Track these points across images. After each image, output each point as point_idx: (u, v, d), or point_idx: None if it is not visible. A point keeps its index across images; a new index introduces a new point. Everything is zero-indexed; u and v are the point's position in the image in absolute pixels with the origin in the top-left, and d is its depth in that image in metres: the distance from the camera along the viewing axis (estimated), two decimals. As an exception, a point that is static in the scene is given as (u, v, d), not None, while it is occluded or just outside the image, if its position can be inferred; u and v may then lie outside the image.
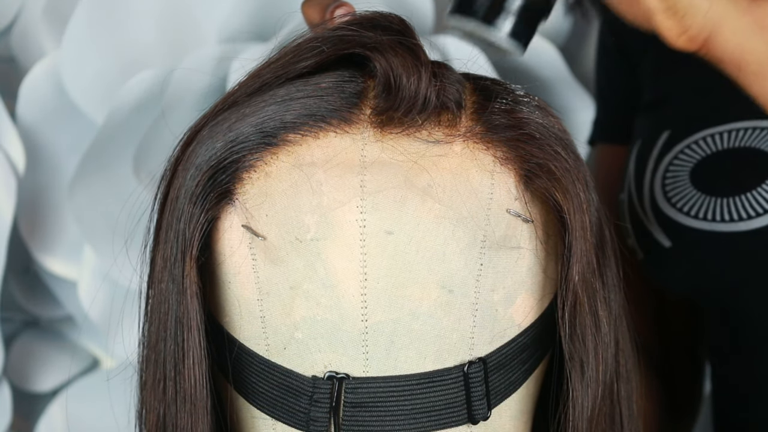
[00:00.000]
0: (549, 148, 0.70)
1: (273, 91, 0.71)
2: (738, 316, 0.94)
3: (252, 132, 0.69)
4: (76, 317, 1.10)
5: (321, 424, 0.68)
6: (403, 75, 0.68)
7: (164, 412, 0.71)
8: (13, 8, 1.07)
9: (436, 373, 0.68)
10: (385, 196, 0.67)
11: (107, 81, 1.04)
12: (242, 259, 0.69)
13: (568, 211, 0.70)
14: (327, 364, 0.68)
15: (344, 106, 0.69)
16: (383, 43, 0.70)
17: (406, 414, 0.68)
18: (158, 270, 0.72)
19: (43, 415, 1.11)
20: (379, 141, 0.68)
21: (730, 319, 0.95)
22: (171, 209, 0.71)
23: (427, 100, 0.68)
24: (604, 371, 0.72)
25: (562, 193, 0.70)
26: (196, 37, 1.06)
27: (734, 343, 0.95)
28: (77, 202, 1.04)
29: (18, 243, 1.08)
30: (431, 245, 0.67)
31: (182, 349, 0.70)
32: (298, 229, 0.68)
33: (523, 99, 0.72)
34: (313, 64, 0.71)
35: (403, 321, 0.68)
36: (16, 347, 1.11)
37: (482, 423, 0.70)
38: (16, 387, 1.10)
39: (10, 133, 1.03)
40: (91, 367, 1.13)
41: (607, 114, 1.08)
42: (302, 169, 0.68)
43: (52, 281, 1.10)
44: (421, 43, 0.71)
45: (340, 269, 0.67)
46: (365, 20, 0.71)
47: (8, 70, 1.09)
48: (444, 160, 0.68)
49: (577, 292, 0.70)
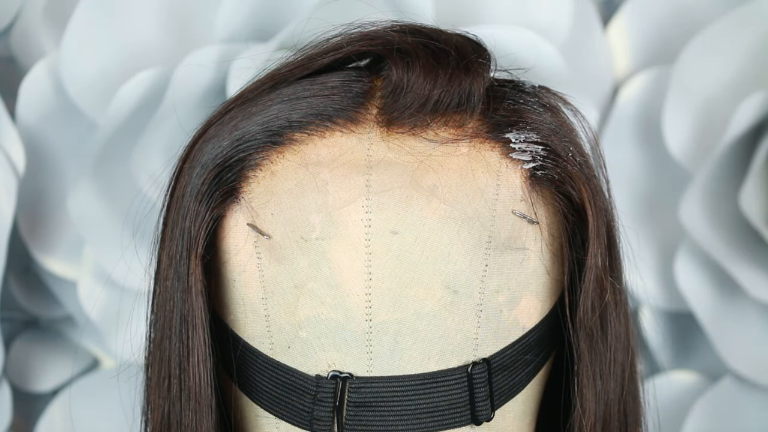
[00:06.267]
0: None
1: (280, 90, 0.72)
2: None
3: (258, 131, 0.69)
4: (76, 317, 1.10)
5: (324, 424, 0.68)
6: (415, 77, 0.69)
7: (169, 409, 0.71)
8: (13, 8, 1.06)
9: (439, 374, 0.68)
10: (391, 196, 0.67)
11: (107, 81, 1.04)
12: (247, 258, 0.69)
13: (585, 207, 0.70)
14: (331, 364, 0.68)
15: (351, 105, 0.70)
16: (406, 44, 0.70)
17: (409, 414, 0.68)
18: (164, 268, 0.72)
19: (43, 415, 1.11)
20: (385, 140, 0.69)
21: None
22: (177, 207, 0.71)
23: (439, 103, 0.69)
24: (615, 372, 0.72)
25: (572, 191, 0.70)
26: (196, 37, 1.06)
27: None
28: (77, 202, 1.04)
29: (18, 243, 1.07)
30: (436, 245, 0.67)
31: (187, 347, 0.70)
32: (304, 228, 0.68)
33: (531, 100, 0.72)
34: (330, 62, 0.71)
35: (408, 321, 0.68)
36: (16, 347, 1.11)
37: (486, 424, 0.70)
38: (16, 387, 1.10)
39: (10, 133, 1.03)
40: (91, 367, 1.13)
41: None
42: (308, 168, 0.68)
43: (52, 281, 1.10)
44: (448, 49, 0.71)
45: (345, 268, 0.67)
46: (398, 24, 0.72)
47: (8, 70, 1.09)
48: (450, 160, 0.68)
49: (588, 292, 0.70)
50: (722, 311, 1.11)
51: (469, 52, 0.71)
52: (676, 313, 1.14)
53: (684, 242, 1.10)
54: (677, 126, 1.08)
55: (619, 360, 0.73)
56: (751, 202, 1.07)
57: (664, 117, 1.08)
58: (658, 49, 1.13)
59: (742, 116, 1.05)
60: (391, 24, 0.72)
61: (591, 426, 0.71)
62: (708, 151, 1.08)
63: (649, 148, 1.12)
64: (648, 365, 1.14)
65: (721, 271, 1.10)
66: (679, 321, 1.15)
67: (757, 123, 1.06)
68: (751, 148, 1.08)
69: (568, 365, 0.72)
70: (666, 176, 1.12)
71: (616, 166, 1.10)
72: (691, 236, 1.09)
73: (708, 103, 1.09)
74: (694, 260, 1.10)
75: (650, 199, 1.13)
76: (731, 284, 1.10)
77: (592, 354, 0.71)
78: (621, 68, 1.13)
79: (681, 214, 1.08)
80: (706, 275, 1.11)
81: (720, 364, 1.12)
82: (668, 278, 1.12)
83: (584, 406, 0.71)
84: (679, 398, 1.14)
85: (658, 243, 1.13)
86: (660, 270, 1.13)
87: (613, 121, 1.12)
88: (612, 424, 0.73)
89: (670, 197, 1.12)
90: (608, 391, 0.72)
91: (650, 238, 1.13)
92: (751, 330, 1.11)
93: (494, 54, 0.74)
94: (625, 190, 1.12)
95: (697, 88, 1.08)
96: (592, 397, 0.71)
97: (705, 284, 1.11)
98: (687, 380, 1.15)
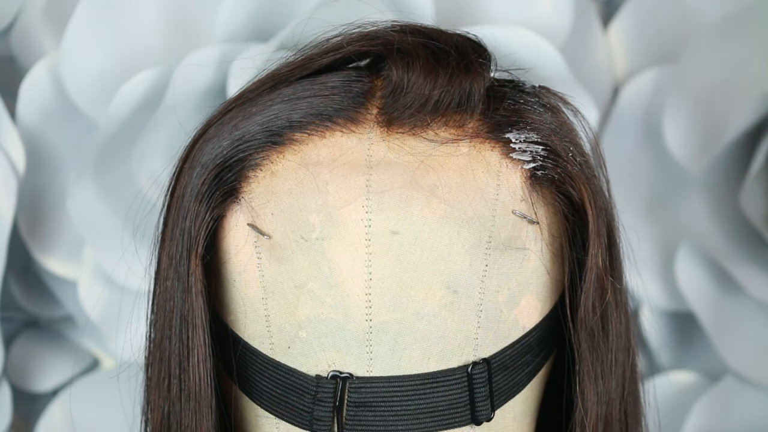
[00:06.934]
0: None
1: (280, 90, 0.72)
2: None
3: (258, 131, 0.69)
4: (76, 317, 1.10)
5: (324, 424, 0.68)
6: (415, 77, 0.69)
7: (169, 409, 0.71)
8: (13, 8, 1.06)
9: (439, 374, 0.68)
10: (391, 196, 0.67)
11: (107, 81, 1.04)
12: (247, 258, 0.69)
13: (585, 207, 0.70)
14: (331, 364, 0.68)
15: (351, 105, 0.70)
16: (406, 44, 0.70)
17: (409, 414, 0.68)
18: (164, 268, 0.72)
19: (43, 415, 1.11)
20: (385, 140, 0.69)
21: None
22: (177, 207, 0.71)
23: (439, 103, 0.69)
24: (616, 372, 0.72)
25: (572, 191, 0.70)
26: (196, 37, 1.06)
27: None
28: (77, 202, 1.04)
29: (18, 243, 1.07)
30: (436, 245, 0.67)
31: (187, 347, 0.70)
32: (304, 228, 0.68)
33: (531, 100, 0.72)
34: (330, 62, 0.71)
35: (408, 321, 0.68)
36: (16, 347, 1.11)
37: (486, 424, 0.70)
38: (16, 387, 1.10)
39: (10, 133, 1.03)
40: (91, 367, 1.13)
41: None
42: (308, 168, 0.68)
43: (52, 281, 1.10)
44: (448, 49, 0.71)
45: (345, 268, 0.67)
46: (398, 24, 0.72)
47: (8, 70, 1.09)
48: (450, 160, 0.68)
49: (589, 292, 0.70)
50: (722, 311, 1.11)
51: (469, 52, 0.71)
52: (676, 313, 1.14)
53: (684, 242, 1.10)
54: (677, 126, 1.08)
55: (620, 360, 0.73)
56: (751, 202, 1.07)
57: (664, 117, 1.08)
58: (658, 49, 1.13)
59: (742, 116, 1.05)
60: (391, 24, 0.72)
61: (593, 426, 0.71)
62: (708, 151, 1.08)
63: (649, 148, 1.12)
64: (648, 365, 1.14)
65: (722, 271, 1.10)
66: (679, 321, 1.15)
67: (757, 123, 1.06)
68: (751, 148, 1.08)
69: (569, 365, 0.72)
70: (666, 176, 1.12)
71: (616, 166, 1.10)
72: (691, 236, 1.09)
73: (708, 103, 1.09)
74: (694, 260, 1.10)
75: (650, 198, 1.13)
76: (731, 284, 1.10)
77: (594, 354, 0.71)
78: (621, 68, 1.13)
79: (681, 213, 1.08)
80: (706, 275, 1.11)
81: (720, 364, 1.12)
82: (668, 278, 1.12)
83: (586, 406, 0.71)
84: (679, 398, 1.14)
85: (658, 243, 1.13)
86: (660, 270, 1.13)
87: (613, 121, 1.12)
88: (613, 424, 0.73)
89: (670, 197, 1.12)
90: (609, 391, 0.72)
91: (650, 238, 1.13)
92: (751, 330, 1.11)
93: (494, 54, 0.74)
94: (625, 190, 1.12)
95: (697, 88, 1.08)
96: (593, 397, 0.71)
97: (705, 284, 1.11)
98: (687, 380, 1.15)
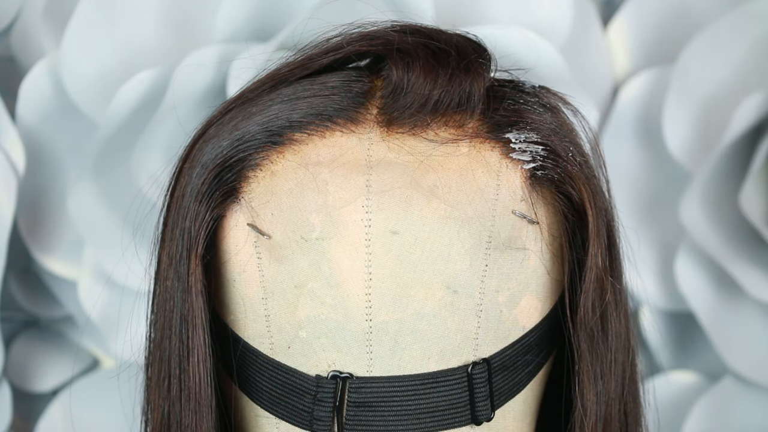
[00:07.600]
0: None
1: (280, 90, 0.72)
2: None
3: (258, 131, 0.69)
4: (76, 317, 1.10)
5: (324, 424, 0.68)
6: (415, 77, 0.69)
7: (169, 409, 0.71)
8: (13, 8, 1.07)
9: (439, 374, 0.68)
10: (391, 196, 0.67)
11: (107, 81, 1.04)
12: (247, 258, 0.69)
13: (585, 207, 0.70)
14: (331, 364, 0.68)
15: (351, 105, 0.70)
16: (406, 44, 0.70)
17: (409, 414, 0.68)
18: (164, 268, 0.72)
19: (43, 415, 1.11)
20: (385, 140, 0.69)
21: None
22: (177, 207, 0.71)
23: (439, 103, 0.69)
24: (616, 372, 0.72)
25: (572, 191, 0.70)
26: (195, 38, 1.06)
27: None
28: (77, 202, 1.04)
29: (18, 243, 1.07)
30: (436, 245, 0.67)
31: (187, 347, 0.70)
32: (304, 228, 0.68)
33: (531, 100, 0.72)
34: (330, 62, 0.71)
35: (408, 321, 0.68)
36: (16, 347, 1.11)
37: (486, 424, 0.70)
38: (16, 387, 1.10)
39: (10, 133, 1.03)
40: (91, 367, 1.13)
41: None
42: (308, 168, 0.68)
43: (52, 281, 1.10)
44: (448, 49, 0.71)
45: (345, 268, 0.67)
46: (398, 24, 0.72)
47: (8, 70, 1.09)
48: (450, 160, 0.68)
49: (588, 292, 0.70)
50: (722, 311, 1.11)
51: (469, 52, 0.71)
52: (676, 313, 1.14)
53: (684, 242, 1.10)
54: (677, 126, 1.08)
55: (619, 360, 0.73)
56: (751, 202, 1.07)
57: (664, 117, 1.08)
58: (658, 49, 1.13)
59: (742, 116, 1.05)
60: (391, 24, 0.72)
61: (592, 426, 0.71)
62: (708, 151, 1.08)
63: (649, 148, 1.12)
64: (648, 365, 1.14)
65: (721, 271, 1.10)
66: (679, 321, 1.15)
67: (757, 123, 1.06)
68: (751, 148, 1.08)
69: (569, 365, 0.72)
70: (666, 176, 1.12)
71: (616, 166, 1.10)
72: (691, 236, 1.09)
73: (708, 103, 1.09)
74: (694, 260, 1.10)
75: (650, 199, 1.13)
76: (731, 284, 1.10)
77: (593, 354, 0.71)
78: (621, 68, 1.13)
79: (681, 213, 1.08)
80: (706, 275, 1.11)
81: (720, 364, 1.12)
82: (668, 278, 1.12)
83: (585, 406, 0.71)
84: (679, 398, 1.14)
85: (658, 243, 1.13)
86: (660, 270, 1.13)
87: (613, 121, 1.12)
88: (613, 424, 0.73)
89: (670, 197, 1.12)
90: (609, 391, 0.72)
91: (650, 238, 1.13)
92: (751, 330, 1.11)
93: (494, 54, 0.74)
94: (625, 190, 1.12)
95: (697, 88, 1.08)
96: (593, 397, 0.71)
97: (705, 284, 1.11)
98: (687, 380, 1.15)
